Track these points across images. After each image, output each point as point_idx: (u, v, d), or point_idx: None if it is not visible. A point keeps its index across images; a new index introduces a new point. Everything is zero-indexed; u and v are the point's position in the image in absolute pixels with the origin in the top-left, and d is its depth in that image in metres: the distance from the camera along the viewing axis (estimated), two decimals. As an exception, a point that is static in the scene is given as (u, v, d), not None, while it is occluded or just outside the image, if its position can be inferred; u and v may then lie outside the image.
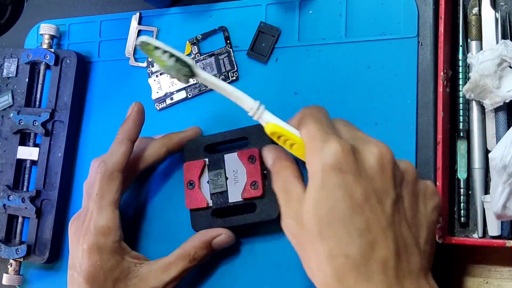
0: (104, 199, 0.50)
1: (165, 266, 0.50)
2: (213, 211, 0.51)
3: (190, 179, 0.51)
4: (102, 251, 0.49)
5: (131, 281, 0.50)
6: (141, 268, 0.50)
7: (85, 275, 0.49)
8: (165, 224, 0.55)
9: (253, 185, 0.49)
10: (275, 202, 0.47)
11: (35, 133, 0.61)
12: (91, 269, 0.49)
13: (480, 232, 0.48)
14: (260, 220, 0.49)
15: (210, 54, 0.57)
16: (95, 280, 0.49)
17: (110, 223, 0.50)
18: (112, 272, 0.49)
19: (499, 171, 0.43)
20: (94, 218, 0.50)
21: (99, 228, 0.49)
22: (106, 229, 0.49)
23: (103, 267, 0.49)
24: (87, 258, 0.49)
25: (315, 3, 0.54)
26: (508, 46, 0.46)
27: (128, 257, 0.50)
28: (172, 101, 0.58)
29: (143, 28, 0.60)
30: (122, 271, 0.50)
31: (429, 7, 0.50)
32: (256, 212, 0.49)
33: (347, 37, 0.52)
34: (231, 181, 0.50)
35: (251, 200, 0.50)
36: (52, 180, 0.59)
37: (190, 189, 0.51)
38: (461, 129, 0.49)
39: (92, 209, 0.50)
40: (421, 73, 0.50)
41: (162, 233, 0.55)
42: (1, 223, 0.60)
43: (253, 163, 0.49)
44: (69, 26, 0.64)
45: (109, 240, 0.49)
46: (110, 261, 0.49)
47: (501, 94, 0.46)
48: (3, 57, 0.63)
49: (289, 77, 0.54)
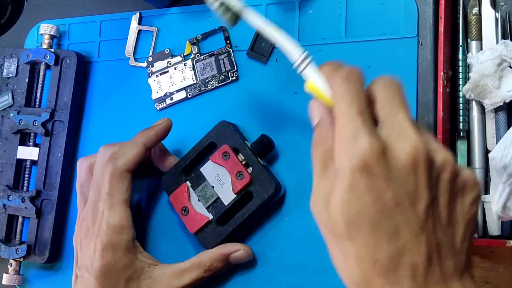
0: (115, 198, 0.50)
1: (179, 272, 0.50)
2: (216, 222, 0.51)
3: (182, 206, 0.52)
4: (116, 250, 0.49)
5: (143, 282, 0.49)
6: (155, 270, 0.50)
7: (98, 274, 0.49)
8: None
9: (239, 176, 0.50)
10: (266, 179, 0.48)
11: (35, 133, 0.60)
12: (104, 268, 0.49)
13: (480, 232, 0.48)
14: (262, 202, 0.49)
15: (210, 54, 0.57)
16: (107, 279, 0.49)
17: (123, 221, 0.50)
18: (125, 271, 0.49)
19: (499, 171, 0.43)
20: (106, 216, 0.49)
21: (112, 227, 0.49)
22: (119, 227, 0.49)
23: (116, 266, 0.49)
24: (100, 257, 0.49)
25: (315, 3, 0.54)
26: (508, 46, 0.46)
27: (142, 257, 0.50)
28: (172, 101, 0.58)
29: (143, 28, 0.60)
30: (135, 271, 0.49)
31: (429, 7, 0.50)
32: (254, 198, 0.50)
33: (347, 37, 0.52)
34: (218, 187, 0.51)
35: (244, 190, 0.50)
36: (52, 180, 0.59)
37: (185, 215, 0.51)
38: (461, 129, 0.49)
39: (103, 208, 0.50)
40: (421, 73, 0.50)
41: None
42: (1, 223, 0.60)
43: (228, 158, 0.50)
44: (69, 26, 0.64)
45: (123, 239, 0.49)
46: (123, 259, 0.49)
47: (501, 94, 0.46)
48: (3, 57, 0.63)
49: (289, 77, 0.54)
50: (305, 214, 0.50)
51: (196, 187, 0.52)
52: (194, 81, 0.57)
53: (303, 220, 0.51)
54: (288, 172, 0.52)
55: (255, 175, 0.50)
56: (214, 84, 0.56)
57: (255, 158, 0.50)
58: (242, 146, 0.51)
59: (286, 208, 0.52)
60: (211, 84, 0.56)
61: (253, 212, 0.50)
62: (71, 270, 0.58)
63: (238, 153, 0.51)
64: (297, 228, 0.51)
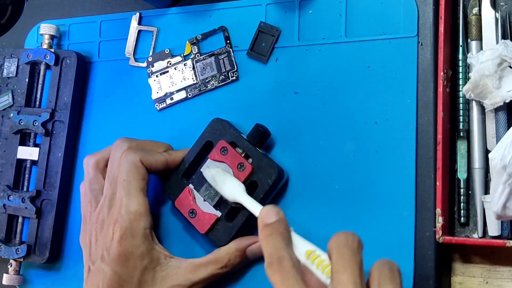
0: (132, 184, 0.50)
1: (195, 266, 0.50)
2: (225, 218, 0.51)
3: (188, 209, 0.51)
4: (135, 236, 0.49)
5: (159, 274, 0.49)
6: (171, 262, 0.50)
7: (114, 263, 0.48)
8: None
9: (240, 168, 0.50)
10: (268, 165, 0.49)
11: (35, 133, 0.61)
12: (122, 255, 0.48)
13: (480, 232, 0.48)
14: (268, 188, 0.50)
15: (210, 54, 0.57)
16: (124, 268, 0.48)
17: (141, 208, 0.49)
18: (142, 259, 0.49)
19: (499, 171, 0.43)
20: (125, 203, 0.49)
21: (131, 213, 0.49)
22: (138, 214, 0.49)
23: (134, 254, 0.48)
24: (117, 245, 0.48)
25: (315, 3, 0.54)
26: (508, 46, 0.46)
27: (158, 247, 0.50)
28: (172, 101, 0.58)
29: (143, 28, 0.60)
30: (152, 260, 0.49)
31: (429, 7, 0.50)
32: (259, 186, 0.50)
33: (347, 37, 0.52)
34: None
35: (248, 180, 0.50)
36: (52, 180, 0.59)
37: (193, 217, 0.51)
38: (461, 129, 0.49)
39: (120, 195, 0.50)
40: (421, 73, 0.50)
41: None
42: (1, 223, 0.60)
43: (227, 153, 0.50)
44: (69, 26, 0.64)
45: (141, 226, 0.49)
46: (141, 247, 0.49)
47: (501, 94, 0.46)
48: (3, 57, 0.63)
49: (289, 77, 0.54)
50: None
51: (199, 188, 0.51)
52: (194, 81, 0.57)
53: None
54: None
55: (256, 163, 0.50)
56: (214, 84, 0.56)
57: (253, 147, 0.50)
58: (238, 138, 0.51)
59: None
60: (211, 84, 0.56)
61: (260, 200, 0.49)
62: (71, 270, 0.58)
63: (236, 147, 0.51)
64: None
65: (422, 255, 0.47)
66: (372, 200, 0.49)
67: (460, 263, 0.49)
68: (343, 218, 0.50)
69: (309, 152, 0.52)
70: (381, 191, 0.49)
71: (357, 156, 0.50)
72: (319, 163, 0.51)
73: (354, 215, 0.49)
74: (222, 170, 0.50)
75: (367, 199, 0.49)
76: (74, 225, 0.59)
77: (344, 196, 0.50)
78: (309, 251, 0.41)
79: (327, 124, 0.52)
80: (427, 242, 0.47)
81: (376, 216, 0.49)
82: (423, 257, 0.47)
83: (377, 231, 0.48)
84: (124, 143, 0.52)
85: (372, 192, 0.49)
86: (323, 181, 0.51)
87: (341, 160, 0.51)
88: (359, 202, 0.49)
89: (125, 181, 0.50)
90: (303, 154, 0.52)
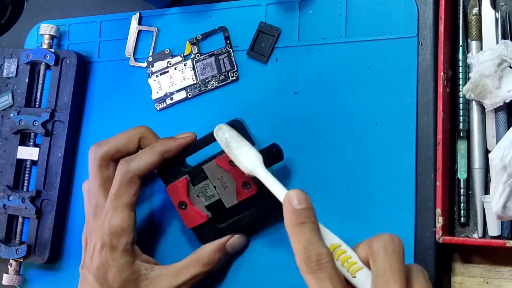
0: (121, 200, 0.50)
1: (177, 270, 0.50)
2: (214, 221, 0.51)
3: (180, 200, 0.51)
4: (114, 251, 0.49)
5: (141, 283, 0.49)
6: (152, 271, 0.50)
7: (96, 273, 0.49)
8: (165, 223, 0.56)
9: (245, 186, 0.49)
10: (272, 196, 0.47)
11: (35, 133, 0.61)
12: (101, 267, 0.49)
13: (480, 232, 0.48)
14: (264, 213, 0.50)
15: (210, 54, 0.57)
16: (104, 279, 0.49)
17: (124, 224, 0.49)
18: (122, 272, 0.49)
19: (499, 171, 0.43)
20: (109, 217, 0.49)
21: (113, 228, 0.49)
22: (120, 229, 0.49)
23: (113, 267, 0.49)
24: (98, 255, 0.49)
25: (315, 3, 0.54)
26: (508, 46, 0.46)
27: (139, 261, 0.50)
28: (172, 101, 0.58)
29: (143, 28, 0.60)
30: (132, 272, 0.49)
31: (429, 7, 0.50)
32: (257, 208, 0.50)
33: (347, 37, 0.52)
34: (220, 188, 0.50)
35: (247, 199, 0.50)
36: (52, 180, 0.59)
37: (183, 209, 0.51)
38: (461, 129, 0.49)
39: (108, 208, 0.50)
40: (421, 73, 0.50)
41: (162, 234, 0.56)
42: (1, 223, 0.60)
43: (235, 166, 0.48)
44: (69, 26, 0.64)
45: (122, 242, 0.49)
46: (121, 260, 0.49)
47: (501, 94, 0.46)
48: (3, 57, 0.63)
49: (289, 77, 0.54)
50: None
51: (196, 183, 0.51)
52: (194, 81, 0.57)
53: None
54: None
55: (262, 187, 0.47)
56: (214, 84, 0.56)
57: None
58: None
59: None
60: (211, 84, 0.56)
61: (254, 220, 0.50)
62: (71, 270, 0.58)
63: None
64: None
65: (422, 255, 0.47)
66: (372, 200, 0.49)
67: (460, 263, 0.49)
68: (343, 218, 0.50)
69: (309, 152, 0.52)
70: (381, 191, 0.49)
71: (357, 156, 0.50)
72: (319, 163, 0.51)
73: (354, 215, 0.49)
74: (237, 135, 0.47)
75: (367, 199, 0.49)
76: (74, 225, 0.59)
77: (344, 196, 0.50)
78: (335, 245, 0.39)
79: (327, 124, 0.52)
80: (427, 242, 0.47)
81: (376, 216, 0.49)
82: (423, 257, 0.47)
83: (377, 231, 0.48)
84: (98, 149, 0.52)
85: (372, 192, 0.49)
86: (323, 181, 0.51)
87: (341, 160, 0.51)
88: (359, 202, 0.49)
89: (114, 196, 0.50)
90: (303, 154, 0.52)
